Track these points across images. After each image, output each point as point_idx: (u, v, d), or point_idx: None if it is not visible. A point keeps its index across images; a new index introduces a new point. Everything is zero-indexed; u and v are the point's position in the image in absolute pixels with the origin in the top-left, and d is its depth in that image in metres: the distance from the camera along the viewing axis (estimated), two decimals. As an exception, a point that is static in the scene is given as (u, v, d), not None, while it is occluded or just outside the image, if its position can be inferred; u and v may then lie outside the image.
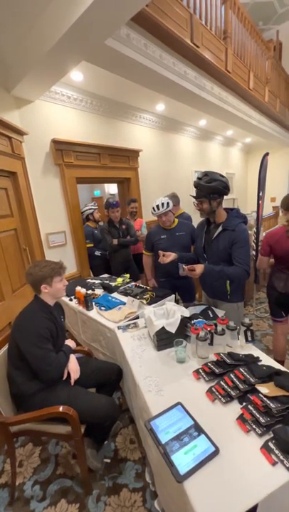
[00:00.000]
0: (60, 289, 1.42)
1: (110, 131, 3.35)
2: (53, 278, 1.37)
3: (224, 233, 1.58)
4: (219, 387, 1.08)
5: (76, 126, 2.93)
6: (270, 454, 0.81)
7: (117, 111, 3.35)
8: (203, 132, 5.16)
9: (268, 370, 1.10)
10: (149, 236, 2.36)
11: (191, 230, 2.31)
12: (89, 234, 3.22)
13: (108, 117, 3.30)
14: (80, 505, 1.30)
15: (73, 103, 2.82)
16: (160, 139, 4.22)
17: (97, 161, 3.14)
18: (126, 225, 3.01)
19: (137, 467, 1.46)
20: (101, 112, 3.16)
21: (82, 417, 1.26)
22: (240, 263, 1.52)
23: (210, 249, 1.66)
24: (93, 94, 2.94)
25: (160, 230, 2.27)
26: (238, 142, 6.71)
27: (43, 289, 1.37)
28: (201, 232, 1.75)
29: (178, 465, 0.81)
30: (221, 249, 1.59)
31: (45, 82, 2.16)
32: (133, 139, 3.70)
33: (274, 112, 4.47)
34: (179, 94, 2.74)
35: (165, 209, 2.11)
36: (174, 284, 2.33)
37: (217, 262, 1.61)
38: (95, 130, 3.15)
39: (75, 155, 2.85)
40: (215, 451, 0.84)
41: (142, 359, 1.39)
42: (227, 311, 1.68)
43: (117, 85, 2.78)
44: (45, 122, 2.61)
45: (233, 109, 3.46)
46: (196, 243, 1.82)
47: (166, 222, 2.20)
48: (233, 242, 1.54)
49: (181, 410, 1.01)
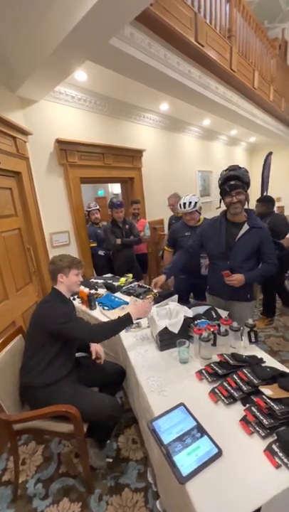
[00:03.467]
0: (75, 282, 1.48)
1: (114, 131, 3.36)
2: (70, 269, 1.45)
3: (251, 231, 1.58)
4: (222, 389, 1.07)
5: (80, 126, 2.94)
6: (274, 456, 0.80)
7: (121, 111, 3.35)
8: (207, 132, 5.13)
9: (271, 371, 1.09)
10: (172, 232, 2.38)
11: None
12: (92, 234, 3.23)
13: (112, 117, 3.30)
14: (82, 504, 1.30)
15: (77, 103, 2.83)
16: (164, 139, 4.21)
17: (101, 160, 3.14)
18: (129, 225, 3.01)
19: (139, 467, 1.46)
20: (105, 111, 3.17)
21: (85, 416, 1.27)
22: (271, 259, 1.61)
23: (234, 249, 1.61)
24: (97, 94, 2.95)
25: (184, 227, 2.28)
26: (242, 142, 6.66)
27: (59, 278, 1.44)
28: (218, 231, 1.68)
29: (180, 466, 0.80)
30: (248, 247, 1.58)
31: (49, 82, 2.17)
32: (137, 139, 3.70)
33: (279, 111, 4.42)
34: (183, 94, 2.73)
35: (191, 208, 2.12)
36: (192, 282, 2.33)
37: (241, 262, 1.61)
38: (99, 130, 3.16)
39: (79, 155, 2.86)
40: (218, 453, 0.83)
41: (145, 359, 1.39)
42: (244, 310, 1.71)
43: (121, 85, 2.78)
44: (49, 122, 2.62)
45: (237, 109, 3.43)
46: (211, 244, 1.72)
47: (190, 220, 2.21)
48: (262, 240, 1.58)
49: (183, 411, 1.01)
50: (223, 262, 1.65)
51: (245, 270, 1.59)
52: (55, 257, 1.49)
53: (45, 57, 1.77)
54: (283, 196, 6.92)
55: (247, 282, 1.57)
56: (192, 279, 2.28)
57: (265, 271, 1.62)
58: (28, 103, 2.44)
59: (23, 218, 2.35)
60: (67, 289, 1.49)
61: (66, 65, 1.93)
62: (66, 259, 1.47)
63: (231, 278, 1.55)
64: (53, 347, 1.35)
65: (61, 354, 1.38)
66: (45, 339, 1.33)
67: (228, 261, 1.63)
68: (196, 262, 2.18)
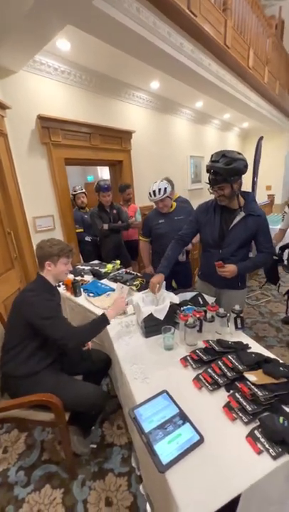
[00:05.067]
0: (62, 271, 1.39)
1: (101, 110, 3.16)
2: (60, 258, 1.35)
3: (247, 219, 1.46)
4: (206, 375, 1.05)
5: (64, 103, 2.74)
6: (256, 442, 0.79)
7: (109, 87, 3.15)
8: (200, 115, 4.96)
9: (256, 357, 1.07)
10: (146, 221, 2.27)
11: (189, 213, 2.22)
12: (78, 219, 3.11)
13: (99, 94, 3.10)
14: (64, 490, 1.29)
15: (60, 76, 2.62)
16: (154, 120, 4.03)
17: (87, 141, 2.97)
18: (117, 210, 2.90)
19: (124, 452, 1.45)
20: (91, 87, 2.96)
21: (68, 406, 1.24)
22: (267, 248, 1.52)
23: (227, 237, 1.51)
24: (82, 67, 2.74)
25: (158, 215, 2.19)
26: (235, 127, 6.52)
27: (46, 265, 1.34)
28: (212, 218, 1.57)
29: (160, 454, 0.78)
30: (243, 237, 1.48)
31: (27, 49, 1.97)
32: (126, 119, 3.51)
33: (273, 94, 4.30)
34: (174, 69, 2.56)
35: (162, 195, 2.02)
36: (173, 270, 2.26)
37: (234, 250, 1.52)
38: (85, 107, 2.96)
39: (63, 134, 2.68)
40: (199, 440, 0.81)
41: (129, 346, 1.35)
42: (235, 298, 1.63)
43: (107, 57, 2.59)
44: (30, 96, 2.42)
45: (231, 89, 3.29)
46: (205, 230, 1.62)
47: (163, 208, 2.12)
48: (259, 228, 1.47)
49: (166, 398, 0.98)
50: (215, 250, 1.57)
51: (238, 259, 1.51)
52: (44, 242, 1.36)
53: (20, 19, 1.58)
54: (274, 185, 6.92)
55: (240, 273, 1.49)
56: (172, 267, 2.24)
57: (260, 261, 1.55)
58: (6, 73, 2.23)
59: (1, 200, 2.21)
60: (54, 278, 1.39)
61: (45, 29, 1.74)
62: (56, 245, 1.34)
63: (224, 269, 1.46)
64: (35, 339, 1.28)
65: (45, 345, 1.31)
66: (27, 330, 1.26)
67: (220, 249, 1.55)
68: None
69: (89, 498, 1.25)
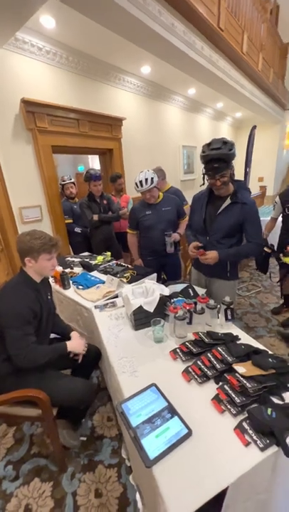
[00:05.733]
0: (45, 267, 1.29)
1: (90, 95, 3.03)
2: (40, 254, 1.24)
3: (234, 207, 1.46)
4: (196, 367, 1.03)
5: (50, 86, 2.60)
6: (244, 434, 0.78)
7: (97, 71, 3.00)
8: (192, 103, 4.84)
9: (246, 348, 1.06)
10: (133, 213, 2.21)
11: (177, 204, 2.18)
12: (68, 209, 3.01)
13: (87, 78, 2.95)
14: (53, 483, 1.28)
15: (46, 56, 2.47)
16: (146, 107, 3.91)
17: (76, 128, 2.85)
18: (107, 200, 2.82)
19: (114, 444, 1.45)
20: (79, 70, 2.82)
21: (55, 402, 1.21)
22: (255, 238, 1.48)
23: (214, 224, 1.52)
24: (69, 48, 2.59)
25: (145, 206, 2.13)
26: (228, 116, 6.42)
27: (27, 261, 1.25)
28: (201, 205, 1.59)
29: (148, 449, 0.76)
30: (229, 224, 1.48)
31: (6, 25, 1.82)
32: (116, 106, 3.38)
33: (267, 82, 4.22)
34: (165, 52, 2.45)
35: (149, 186, 1.96)
36: (161, 262, 2.25)
37: (221, 238, 1.51)
38: (73, 92, 2.82)
39: (49, 119, 2.56)
40: (187, 433, 0.80)
41: (118, 339, 1.33)
42: (225, 289, 1.63)
43: (95, 38, 2.45)
44: (12, 78, 2.28)
45: (224, 76, 3.20)
46: (194, 217, 1.65)
47: (150, 198, 2.06)
48: (246, 217, 1.45)
49: (155, 392, 0.96)
50: (203, 237, 1.59)
51: (224, 246, 1.51)
52: (24, 235, 1.24)
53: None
54: (266, 176, 6.92)
55: (221, 259, 1.47)
56: (160, 259, 2.21)
57: (244, 250, 1.52)
58: (-15, 51, 2.08)
59: (-15, 189, 2.10)
60: (37, 274, 1.31)
61: (24, 3, 1.61)
62: (37, 239, 1.22)
63: (205, 256, 1.47)
64: None
65: None
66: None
67: (207, 236, 1.56)
68: (161, 242, 2.10)
69: (78, 491, 1.24)
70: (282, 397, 0.89)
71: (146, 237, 2.18)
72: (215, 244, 1.53)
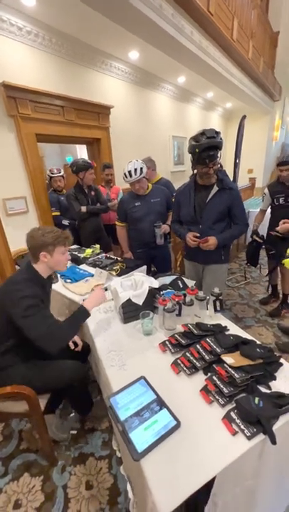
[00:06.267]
0: (60, 261, 1.28)
1: (76, 80, 2.89)
2: (55, 247, 1.23)
3: (221, 193, 1.57)
4: (185, 359, 1.03)
5: (32, 69, 2.46)
6: (231, 423, 0.78)
7: (83, 55, 2.86)
8: (182, 92, 4.74)
9: (234, 339, 1.07)
10: (121, 204, 2.16)
11: (166, 195, 2.15)
12: (54, 201, 2.92)
13: (72, 62, 2.81)
14: (43, 478, 1.27)
15: (27, 38, 2.33)
16: (134, 95, 3.79)
17: (61, 115, 2.73)
18: (95, 191, 2.75)
19: (104, 436, 1.45)
20: (63, 53, 2.67)
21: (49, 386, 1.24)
22: (241, 220, 1.65)
23: (205, 211, 1.61)
24: (51, 29, 2.44)
25: (133, 197, 2.08)
26: (218, 107, 6.34)
27: (42, 257, 1.22)
28: (187, 197, 1.67)
29: (136, 443, 0.75)
30: (219, 210, 1.59)
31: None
32: (103, 93, 3.26)
33: (257, 72, 4.17)
34: (153, 36, 2.35)
35: (138, 176, 1.91)
36: (151, 254, 2.23)
37: (213, 223, 1.62)
38: (57, 77, 2.69)
39: (32, 106, 2.43)
40: (176, 425, 0.79)
41: (107, 332, 1.31)
42: (221, 272, 1.77)
43: (79, 18, 2.32)
44: (-9, 60, 2.14)
45: (214, 63, 3.13)
46: (183, 210, 1.72)
47: (139, 189, 2.01)
48: (233, 201, 1.59)
49: (144, 384, 0.95)
50: (195, 227, 1.66)
51: (216, 232, 1.61)
52: (35, 231, 1.23)
53: None
54: (255, 168, 6.94)
55: (220, 244, 1.59)
56: (150, 251, 2.19)
57: (236, 232, 1.67)
58: None
59: None
60: (49, 269, 1.28)
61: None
62: (49, 233, 1.22)
63: (207, 243, 1.56)
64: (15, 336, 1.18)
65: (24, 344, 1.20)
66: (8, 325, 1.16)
67: (200, 225, 1.64)
68: (151, 233, 2.07)
69: (69, 483, 1.24)
70: (269, 386, 0.90)
71: (135, 229, 2.15)
72: (208, 231, 1.61)
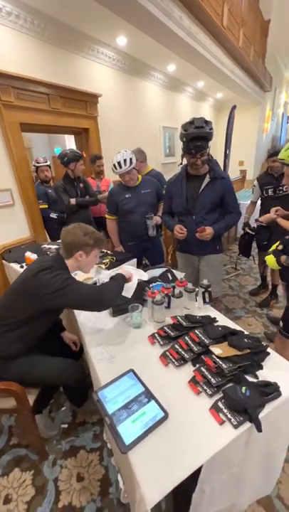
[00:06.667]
0: (92, 263, 1.30)
1: (61, 67, 2.77)
2: (94, 249, 1.26)
3: (214, 182, 1.55)
4: (173, 351, 1.03)
5: (14, 53, 2.33)
6: (219, 413, 0.79)
7: (68, 39, 2.73)
8: (173, 81, 4.63)
9: (223, 330, 1.07)
10: (111, 197, 2.11)
11: (156, 186, 2.12)
12: (42, 193, 2.84)
13: (57, 46, 2.68)
14: (34, 472, 1.27)
15: (6, 19, 2.19)
16: (123, 84, 3.68)
17: (47, 103, 2.62)
18: (84, 183, 2.69)
19: (96, 428, 1.46)
20: (46, 37, 2.55)
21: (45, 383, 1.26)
22: (235, 208, 1.65)
23: (198, 202, 1.59)
24: (33, 10, 2.30)
25: (124, 189, 2.04)
26: (209, 97, 6.26)
27: (77, 256, 1.22)
28: (179, 188, 1.64)
29: (124, 435, 0.75)
30: (212, 200, 1.57)
31: None
32: (91, 80, 3.14)
33: (248, 61, 4.12)
34: (141, 20, 2.26)
35: (128, 167, 1.86)
36: (143, 247, 2.20)
37: (206, 213, 1.60)
38: (41, 62, 2.56)
39: (15, 93, 2.32)
40: (164, 417, 0.79)
41: (96, 326, 1.30)
42: (217, 262, 1.77)
43: (63, 0, 2.20)
44: None
45: (204, 51, 3.05)
46: (174, 201, 1.69)
47: (129, 181, 1.97)
48: (226, 190, 1.58)
49: (132, 377, 0.95)
50: (188, 218, 1.64)
51: (209, 222, 1.60)
52: (77, 228, 1.24)
53: None
54: (246, 160, 6.95)
55: (216, 234, 1.58)
56: (142, 244, 2.16)
57: (231, 221, 1.66)
58: None
59: None
60: (77, 268, 1.28)
61: None
62: (92, 234, 1.23)
63: (205, 233, 1.54)
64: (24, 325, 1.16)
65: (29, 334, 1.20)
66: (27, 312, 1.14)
67: (193, 215, 1.62)
68: (142, 225, 2.04)
69: (60, 476, 1.25)
70: (256, 376, 0.91)
71: (126, 222, 2.11)
72: (201, 221, 1.60)
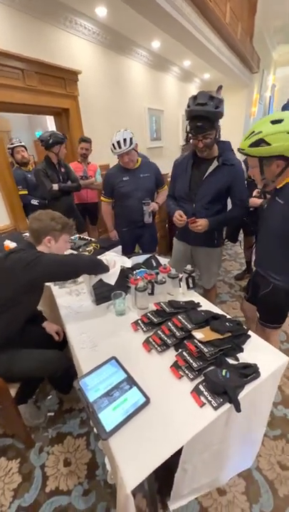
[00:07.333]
0: (62, 249, 1.27)
1: (35, 39, 2.55)
2: (62, 234, 1.23)
3: (222, 169, 1.38)
4: (156, 337, 1.02)
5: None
6: (200, 396, 0.80)
7: (42, 7, 2.50)
8: (158, 59, 4.42)
9: (205, 315, 1.07)
10: (108, 178, 2.00)
11: (156, 171, 2.03)
12: (20, 178, 2.68)
13: (30, 15, 2.46)
14: (21, 460, 1.27)
15: None
16: (105, 60, 3.46)
17: (21, 80, 2.43)
18: (65, 168, 2.56)
19: (82, 415, 1.47)
20: (17, 4, 2.32)
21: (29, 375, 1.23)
22: (241, 201, 1.45)
23: (200, 188, 1.44)
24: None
25: (121, 171, 1.93)
26: (196, 78, 6.05)
27: (46, 241, 1.19)
28: (185, 169, 1.49)
29: (105, 423, 0.74)
30: (216, 189, 1.41)
31: None
32: (69, 55, 2.93)
33: (235, 38, 3.96)
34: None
35: (127, 147, 1.76)
36: (137, 234, 2.13)
37: (207, 203, 1.45)
38: (12, 33, 2.35)
39: (-16, 66, 2.13)
40: (145, 402, 0.79)
41: (79, 315, 1.27)
42: (212, 257, 1.65)
43: None
44: None
45: (189, 26, 2.90)
46: (177, 183, 1.56)
47: (128, 163, 1.86)
48: (234, 179, 1.39)
49: (114, 365, 0.94)
50: (188, 205, 1.50)
51: (210, 213, 1.45)
52: (43, 214, 1.21)
53: None
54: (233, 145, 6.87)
55: (211, 227, 1.43)
56: (136, 230, 2.11)
57: (232, 215, 1.49)
58: None
59: None
60: None
61: None
62: (58, 219, 1.22)
63: (196, 224, 1.40)
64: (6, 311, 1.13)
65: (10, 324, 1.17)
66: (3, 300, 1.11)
67: (193, 203, 1.48)
68: (138, 211, 1.98)
69: (47, 463, 1.26)
70: (236, 358, 0.93)
71: (122, 206, 2.02)
72: (201, 210, 1.46)
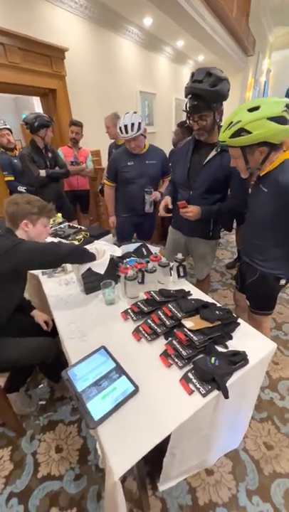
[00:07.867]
0: (41, 233, 1.22)
1: (17, 11, 2.37)
2: (40, 217, 1.18)
3: (223, 156, 1.29)
4: (146, 326, 1.01)
5: None
6: (188, 384, 0.80)
7: (25, -25, 2.31)
8: (150, 37, 4.21)
9: (196, 303, 1.07)
10: (112, 162, 1.94)
11: (162, 158, 1.95)
12: (6, 164, 2.56)
13: (11, -17, 2.27)
14: (12, 448, 1.28)
15: None
16: (94, 37, 3.27)
17: (3, 56, 2.27)
18: (52, 153, 2.45)
19: (74, 402, 1.48)
20: None
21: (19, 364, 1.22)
22: (240, 193, 1.34)
23: (199, 175, 1.37)
24: None
25: (127, 155, 1.86)
26: (189, 59, 5.84)
27: (23, 225, 1.15)
28: (185, 153, 1.41)
29: (93, 412, 0.74)
30: (215, 177, 1.34)
31: None
32: (55, 31, 2.74)
33: (230, 17, 3.80)
34: None
35: (135, 133, 1.67)
36: (136, 222, 2.09)
37: (205, 191, 1.37)
38: (-8, 2, 2.17)
39: None
40: (134, 391, 0.79)
41: (68, 305, 1.25)
42: (206, 249, 1.59)
43: None
44: None
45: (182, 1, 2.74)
46: (176, 169, 1.49)
47: (135, 148, 1.79)
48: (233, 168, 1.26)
49: (103, 354, 0.93)
50: (186, 192, 1.44)
51: (208, 202, 1.38)
52: (19, 197, 1.18)
53: None
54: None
55: (203, 216, 1.35)
56: (135, 218, 2.06)
57: (227, 206, 1.37)
58: None
59: None
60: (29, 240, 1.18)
61: None
62: (35, 202, 1.17)
63: (186, 209, 1.33)
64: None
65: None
66: None
67: (191, 191, 1.41)
68: (140, 198, 1.93)
69: (39, 450, 1.27)
70: (226, 346, 0.93)
71: (124, 191, 1.97)
72: (198, 199, 1.39)
